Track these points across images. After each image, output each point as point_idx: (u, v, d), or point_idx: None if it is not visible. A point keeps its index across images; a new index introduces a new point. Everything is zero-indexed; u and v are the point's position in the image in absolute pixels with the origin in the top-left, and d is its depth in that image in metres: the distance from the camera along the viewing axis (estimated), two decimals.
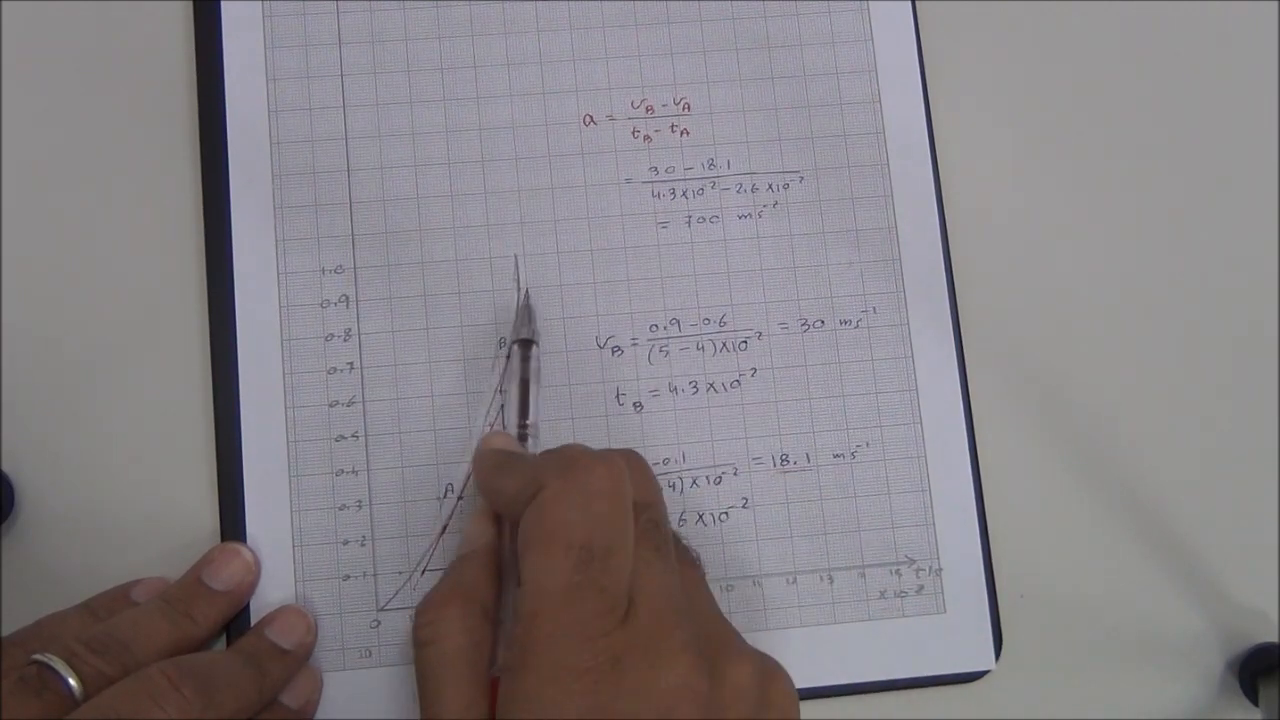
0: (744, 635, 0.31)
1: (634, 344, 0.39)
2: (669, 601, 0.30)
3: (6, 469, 0.37)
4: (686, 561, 0.33)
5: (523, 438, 0.36)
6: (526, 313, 0.38)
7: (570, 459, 0.31)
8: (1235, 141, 0.41)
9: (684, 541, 0.34)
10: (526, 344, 0.37)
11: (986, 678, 0.37)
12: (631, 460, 0.32)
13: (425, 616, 0.31)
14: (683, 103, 0.40)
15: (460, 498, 0.37)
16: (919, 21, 0.41)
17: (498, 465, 0.33)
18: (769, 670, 0.31)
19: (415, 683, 0.32)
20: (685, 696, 0.28)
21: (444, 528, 0.37)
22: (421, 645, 0.31)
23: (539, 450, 0.35)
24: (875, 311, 0.39)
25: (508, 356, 0.37)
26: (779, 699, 0.31)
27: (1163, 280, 0.41)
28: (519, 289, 0.39)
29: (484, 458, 0.34)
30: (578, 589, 0.29)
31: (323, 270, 0.39)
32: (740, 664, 0.30)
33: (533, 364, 0.37)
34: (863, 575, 0.38)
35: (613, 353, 0.39)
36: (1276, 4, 0.42)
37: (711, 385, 0.39)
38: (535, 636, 0.28)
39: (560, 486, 0.30)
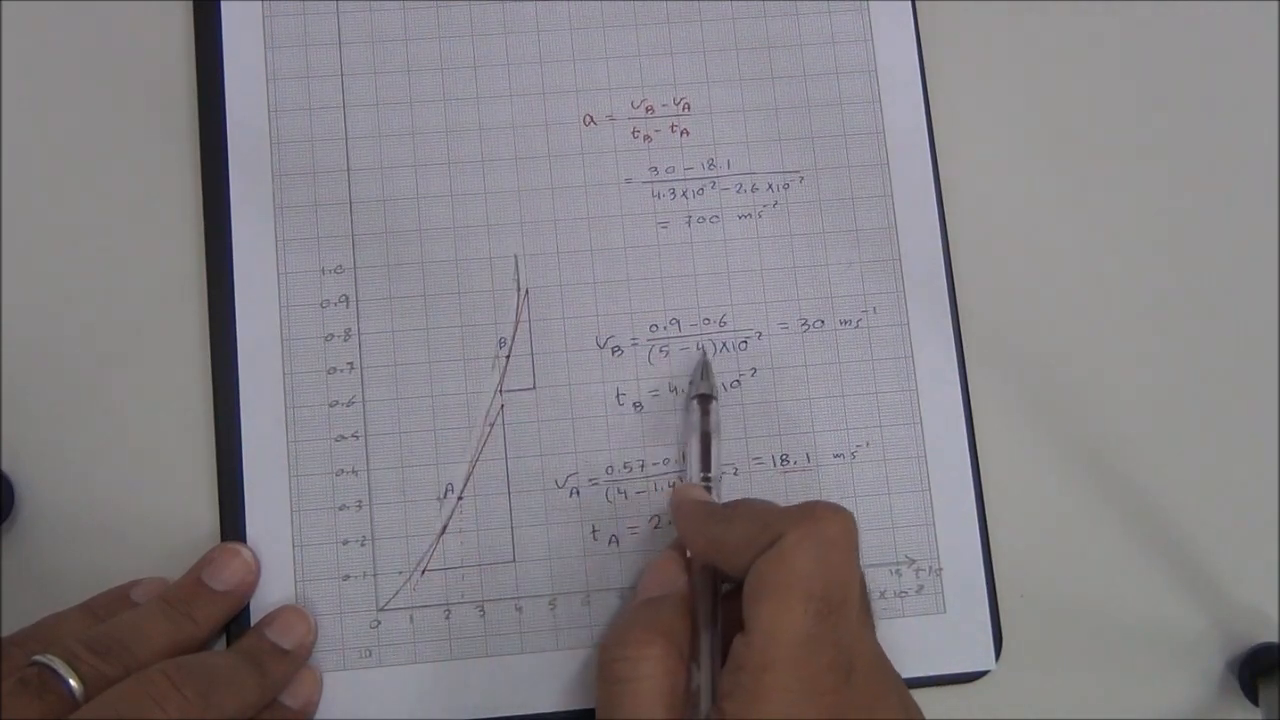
0: None
1: (634, 344, 0.39)
2: (880, 663, 0.30)
3: (6, 469, 0.37)
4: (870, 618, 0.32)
5: (705, 490, 0.36)
6: (704, 369, 0.38)
7: (807, 508, 0.30)
8: (1236, 141, 0.41)
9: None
10: (706, 399, 0.37)
11: (986, 678, 0.37)
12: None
13: (623, 651, 0.31)
14: (683, 103, 0.40)
15: (460, 498, 0.37)
16: (919, 21, 0.41)
17: (713, 514, 0.33)
18: None
19: (600, 714, 0.31)
20: None
21: (444, 527, 0.37)
22: (618, 681, 0.30)
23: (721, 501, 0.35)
24: (875, 311, 0.39)
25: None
26: None
27: (1163, 280, 0.41)
28: (518, 288, 0.39)
29: (693, 508, 0.33)
30: (814, 641, 0.28)
31: (323, 270, 0.39)
32: None
33: (713, 418, 0.37)
34: None
35: (613, 353, 0.39)
36: (1276, 4, 0.42)
37: None
38: (767, 686, 0.28)
39: (800, 535, 0.29)
